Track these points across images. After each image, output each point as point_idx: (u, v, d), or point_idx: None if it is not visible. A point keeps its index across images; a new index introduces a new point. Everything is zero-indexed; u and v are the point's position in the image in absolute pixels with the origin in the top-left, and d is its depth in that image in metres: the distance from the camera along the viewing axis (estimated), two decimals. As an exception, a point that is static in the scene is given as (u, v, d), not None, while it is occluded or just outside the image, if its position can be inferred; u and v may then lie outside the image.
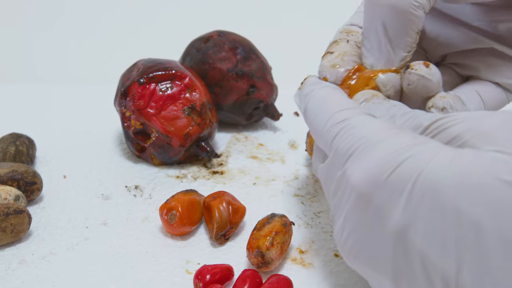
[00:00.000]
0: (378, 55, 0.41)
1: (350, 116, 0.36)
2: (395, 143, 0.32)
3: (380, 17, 0.40)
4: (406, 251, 0.31)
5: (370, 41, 0.41)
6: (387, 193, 0.31)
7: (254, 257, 0.43)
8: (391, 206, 0.31)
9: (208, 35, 0.60)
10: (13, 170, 0.49)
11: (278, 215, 0.45)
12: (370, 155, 0.33)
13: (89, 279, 0.43)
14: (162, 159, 0.55)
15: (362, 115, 0.36)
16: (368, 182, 0.32)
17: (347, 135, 0.35)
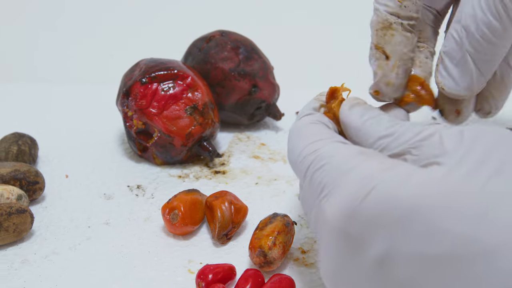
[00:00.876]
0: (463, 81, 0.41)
1: (321, 146, 0.36)
2: (362, 171, 0.32)
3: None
4: (387, 279, 0.30)
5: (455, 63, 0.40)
6: (361, 224, 0.31)
7: (256, 256, 0.43)
8: (368, 237, 0.31)
9: (210, 34, 0.60)
10: (16, 169, 0.49)
11: (280, 214, 0.45)
12: (340, 189, 0.33)
13: (91, 278, 0.43)
14: (164, 158, 0.55)
15: (332, 144, 0.36)
16: (341, 216, 0.32)
17: (318, 167, 0.35)
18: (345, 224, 0.32)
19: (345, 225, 0.32)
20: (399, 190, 0.30)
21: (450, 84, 0.41)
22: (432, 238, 0.29)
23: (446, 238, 0.28)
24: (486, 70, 0.40)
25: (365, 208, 0.31)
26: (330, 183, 0.34)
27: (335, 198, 0.33)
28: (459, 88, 0.41)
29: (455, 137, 0.32)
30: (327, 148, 0.35)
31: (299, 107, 0.65)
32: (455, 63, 0.40)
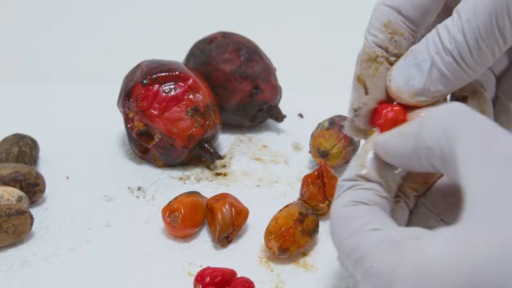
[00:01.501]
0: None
1: (358, 243, 0.34)
2: (401, 280, 0.31)
3: None
4: None
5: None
6: None
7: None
8: None
9: (212, 36, 0.60)
10: (16, 171, 0.49)
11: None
12: None
13: (91, 281, 0.43)
14: (165, 160, 0.55)
15: (368, 240, 0.34)
16: None
17: (362, 273, 0.34)
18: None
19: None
20: (450, 277, 0.29)
21: (400, 80, 0.38)
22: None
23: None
24: (439, 84, 0.37)
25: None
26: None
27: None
28: (406, 89, 0.38)
29: None
30: (362, 248, 0.34)
31: (301, 109, 0.65)
32: (415, 63, 0.38)
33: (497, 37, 0.36)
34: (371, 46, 0.39)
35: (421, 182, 0.40)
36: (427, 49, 0.37)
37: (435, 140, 0.33)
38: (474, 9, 0.36)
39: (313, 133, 0.54)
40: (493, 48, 0.36)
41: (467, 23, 0.36)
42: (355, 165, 0.38)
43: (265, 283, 0.43)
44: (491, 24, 0.35)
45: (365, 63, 0.40)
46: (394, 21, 0.39)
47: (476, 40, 0.36)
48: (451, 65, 0.37)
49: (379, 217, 0.36)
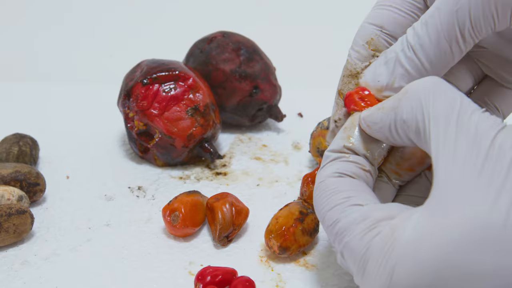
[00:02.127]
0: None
1: (338, 217, 0.36)
2: (378, 250, 0.33)
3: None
4: None
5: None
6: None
7: None
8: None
9: (211, 36, 0.60)
10: (16, 170, 0.49)
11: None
12: (367, 274, 0.34)
13: (91, 280, 0.43)
14: (165, 160, 0.55)
15: (347, 214, 0.36)
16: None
17: (342, 246, 0.36)
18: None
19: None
20: (417, 255, 0.31)
21: (368, 76, 0.40)
22: (472, 284, 0.30)
23: (483, 279, 0.30)
24: (402, 80, 0.38)
25: (395, 286, 0.32)
26: (356, 265, 0.35)
27: (366, 282, 0.34)
28: (373, 85, 0.40)
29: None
30: (343, 222, 0.36)
31: (301, 109, 0.65)
32: (384, 61, 0.39)
33: (457, 34, 0.37)
34: (353, 62, 0.41)
35: (407, 169, 0.42)
36: (395, 48, 0.39)
37: (410, 113, 0.35)
38: (437, 6, 0.37)
39: (313, 133, 0.54)
40: (452, 47, 0.37)
41: (430, 19, 0.37)
42: (342, 137, 0.40)
43: (265, 282, 0.43)
44: (452, 21, 0.36)
45: (346, 78, 0.42)
46: (376, 39, 0.41)
47: (437, 36, 0.37)
48: (412, 61, 0.38)
49: (362, 192, 0.37)
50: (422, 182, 0.43)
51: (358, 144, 0.39)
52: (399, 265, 0.32)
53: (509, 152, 0.31)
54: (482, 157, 0.31)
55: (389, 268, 0.32)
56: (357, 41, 0.41)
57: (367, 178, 0.39)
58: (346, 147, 0.39)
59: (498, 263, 0.30)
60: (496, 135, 0.32)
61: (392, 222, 0.34)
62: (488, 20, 0.36)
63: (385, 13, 0.41)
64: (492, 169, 0.31)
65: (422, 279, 0.31)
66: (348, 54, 0.42)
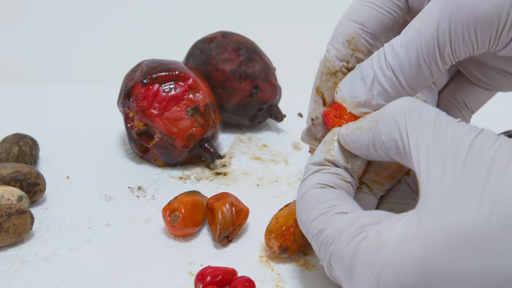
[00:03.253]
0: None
1: (323, 226, 0.36)
2: (364, 257, 0.34)
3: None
4: None
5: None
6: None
7: None
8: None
9: (211, 36, 0.60)
10: (16, 170, 0.49)
11: None
12: (355, 281, 0.34)
13: (91, 280, 0.43)
14: (165, 160, 0.55)
15: (333, 222, 0.36)
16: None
17: (328, 255, 0.36)
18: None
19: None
20: (402, 259, 0.32)
21: (345, 92, 0.40)
22: (453, 285, 0.31)
23: (468, 281, 0.30)
24: (380, 98, 0.39)
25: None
26: (344, 271, 0.35)
27: (354, 286, 0.34)
28: (350, 101, 0.40)
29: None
30: (329, 231, 0.36)
31: (301, 109, 0.65)
32: (360, 77, 0.39)
33: (437, 57, 0.37)
34: (332, 60, 0.41)
35: (387, 177, 0.43)
36: (372, 65, 0.39)
37: (389, 135, 0.36)
38: (418, 29, 0.37)
39: (313, 133, 0.54)
40: (432, 68, 0.37)
41: (411, 41, 0.37)
42: (323, 150, 0.40)
43: (265, 282, 0.43)
44: (433, 44, 0.37)
45: (324, 76, 0.42)
46: (357, 38, 0.41)
47: (417, 58, 0.37)
48: (391, 80, 0.38)
49: (345, 201, 0.38)
50: (403, 189, 0.43)
51: (338, 157, 0.40)
52: (385, 269, 0.32)
53: (488, 154, 0.31)
54: (462, 161, 0.32)
55: (376, 272, 0.33)
56: (337, 38, 0.41)
57: (348, 189, 0.39)
58: (327, 160, 0.40)
59: (481, 265, 0.30)
60: (474, 139, 0.32)
61: (378, 227, 0.34)
62: (468, 46, 0.36)
63: (367, 10, 0.41)
64: (472, 172, 0.31)
65: (408, 282, 0.32)
66: (327, 49, 0.42)
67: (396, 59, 0.38)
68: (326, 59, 0.42)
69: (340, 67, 0.41)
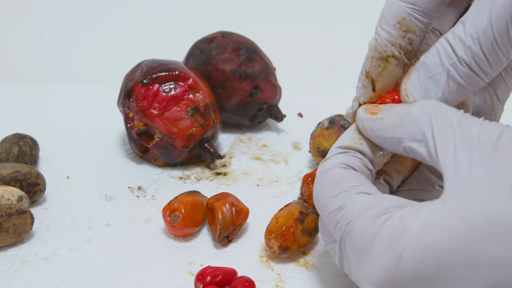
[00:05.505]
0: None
1: (344, 203, 0.36)
2: (386, 235, 0.33)
3: None
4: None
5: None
6: (403, 285, 0.33)
7: None
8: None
9: (211, 36, 0.60)
10: (16, 170, 0.49)
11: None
12: (372, 258, 0.34)
13: (91, 280, 0.43)
14: (165, 160, 0.55)
15: (354, 201, 0.36)
16: (382, 284, 0.33)
17: (345, 232, 0.36)
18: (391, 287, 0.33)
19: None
20: (426, 242, 0.32)
21: (417, 93, 0.38)
22: (477, 274, 0.31)
23: (490, 268, 0.30)
24: (457, 94, 0.38)
25: (401, 274, 0.33)
26: (360, 250, 0.35)
27: (369, 269, 0.34)
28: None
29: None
30: (349, 208, 0.36)
31: (301, 108, 0.65)
32: (429, 76, 0.38)
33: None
34: (384, 44, 0.40)
35: (410, 166, 0.43)
36: (441, 62, 0.37)
37: (413, 136, 0.36)
38: (489, 19, 0.36)
39: (313, 133, 0.54)
40: (509, 53, 0.37)
41: (483, 34, 0.36)
42: (353, 137, 0.40)
43: (265, 282, 0.43)
44: (507, 32, 0.36)
45: (375, 61, 0.40)
46: (408, 18, 0.39)
47: (494, 49, 0.36)
48: (468, 76, 0.37)
49: (366, 183, 0.38)
50: (421, 174, 0.43)
51: (366, 147, 0.40)
52: (406, 251, 0.32)
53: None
54: (490, 152, 0.32)
55: (396, 254, 0.33)
56: (387, 20, 0.39)
57: (369, 175, 0.39)
58: (354, 148, 0.40)
59: (504, 252, 0.30)
60: (501, 132, 0.32)
61: (401, 211, 0.34)
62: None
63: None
64: (501, 162, 0.31)
65: (428, 266, 0.32)
66: (376, 32, 0.40)
67: (470, 53, 0.36)
68: (377, 43, 0.40)
69: (393, 51, 0.40)
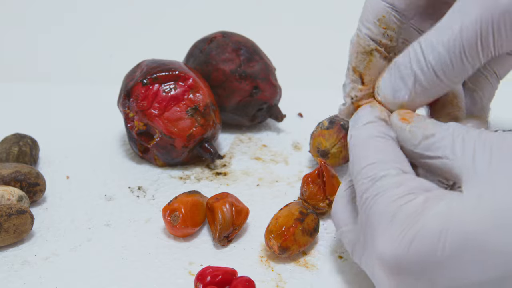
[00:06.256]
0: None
1: (379, 173, 0.37)
2: (407, 212, 0.34)
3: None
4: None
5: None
6: (414, 265, 0.33)
7: None
8: (422, 276, 0.33)
9: (211, 36, 0.60)
10: (17, 171, 0.49)
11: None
12: (389, 231, 0.34)
13: (91, 280, 0.43)
14: (165, 160, 0.55)
15: (390, 175, 0.36)
16: (394, 260, 0.34)
17: (371, 203, 0.36)
18: (399, 267, 0.34)
19: (399, 268, 0.34)
20: (444, 227, 0.32)
21: (387, 92, 0.40)
22: (488, 264, 0.31)
23: (502, 260, 0.31)
24: (423, 96, 0.39)
25: (411, 256, 0.33)
26: (379, 226, 0.35)
27: (383, 245, 0.34)
28: (392, 101, 0.40)
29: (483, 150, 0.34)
30: (382, 182, 0.36)
31: (301, 109, 0.65)
32: (399, 76, 0.40)
33: (479, 54, 0.37)
34: (366, 39, 0.42)
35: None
36: (410, 64, 0.39)
37: (432, 157, 0.37)
38: (460, 27, 0.37)
39: (313, 133, 0.54)
40: (474, 63, 0.38)
41: (452, 40, 0.37)
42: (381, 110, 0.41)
43: (265, 282, 0.43)
44: (475, 43, 0.37)
45: (360, 55, 0.42)
46: (387, 17, 0.41)
47: (460, 57, 0.37)
48: (432, 79, 0.39)
49: (404, 160, 0.38)
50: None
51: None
52: (420, 234, 0.33)
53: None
54: (509, 151, 0.33)
55: (410, 235, 0.33)
56: (368, 17, 0.42)
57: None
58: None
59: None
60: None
61: (426, 194, 0.34)
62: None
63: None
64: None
65: (442, 249, 0.32)
66: (358, 29, 0.42)
67: (438, 58, 0.38)
68: (360, 38, 0.42)
69: (375, 46, 0.42)
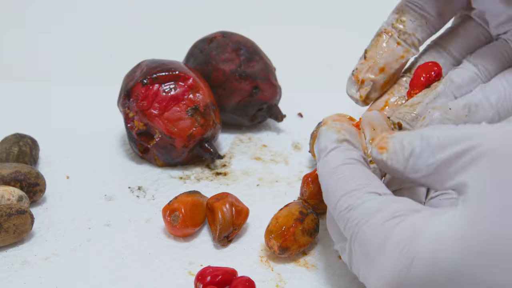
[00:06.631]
0: None
1: (355, 203, 0.36)
2: (398, 241, 0.33)
3: None
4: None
5: None
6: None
7: None
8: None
9: (211, 36, 0.60)
10: (16, 171, 0.49)
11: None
12: (381, 263, 0.34)
13: (91, 280, 0.43)
14: (165, 160, 0.55)
15: (366, 200, 0.36)
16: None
17: (355, 232, 0.35)
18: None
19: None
20: (438, 254, 0.32)
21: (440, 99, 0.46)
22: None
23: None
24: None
25: (410, 280, 0.33)
26: (369, 252, 0.34)
27: (378, 272, 0.34)
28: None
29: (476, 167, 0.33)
30: (361, 209, 0.35)
31: (301, 109, 0.65)
32: (449, 92, 0.46)
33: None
34: (382, 26, 0.49)
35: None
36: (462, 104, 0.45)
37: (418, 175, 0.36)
38: None
39: (313, 133, 0.54)
40: None
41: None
42: (347, 130, 0.41)
43: (265, 282, 0.43)
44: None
45: (373, 37, 0.49)
46: (406, 10, 0.48)
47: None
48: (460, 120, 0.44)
49: (376, 181, 0.37)
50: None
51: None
52: (418, 259, 0.32)
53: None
54: (501, 176, 0.32)
55: (408, 260, 0.32)
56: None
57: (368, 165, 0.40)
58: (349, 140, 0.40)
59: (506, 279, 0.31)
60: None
61: (413, 216, 0.34)
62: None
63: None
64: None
65: (440, 276, 0.32)
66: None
67: (486, 118, 0.44)
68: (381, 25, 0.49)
69: (385, 28, 0.48)
